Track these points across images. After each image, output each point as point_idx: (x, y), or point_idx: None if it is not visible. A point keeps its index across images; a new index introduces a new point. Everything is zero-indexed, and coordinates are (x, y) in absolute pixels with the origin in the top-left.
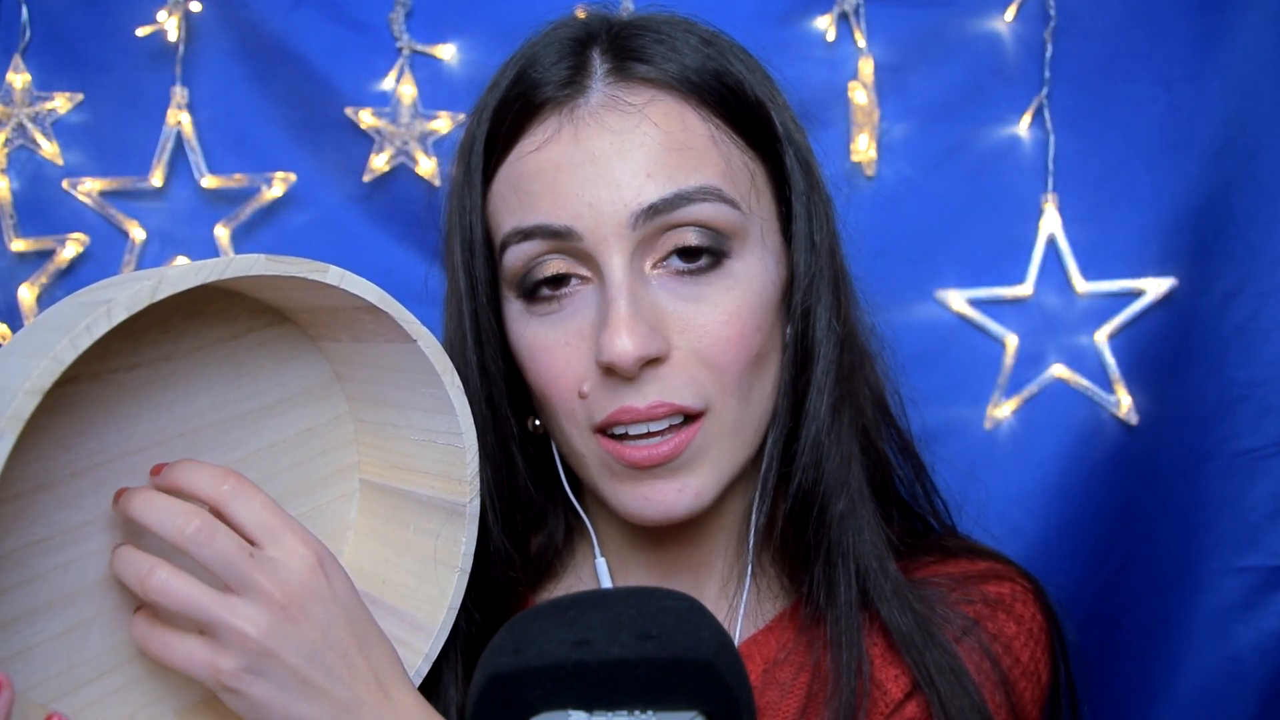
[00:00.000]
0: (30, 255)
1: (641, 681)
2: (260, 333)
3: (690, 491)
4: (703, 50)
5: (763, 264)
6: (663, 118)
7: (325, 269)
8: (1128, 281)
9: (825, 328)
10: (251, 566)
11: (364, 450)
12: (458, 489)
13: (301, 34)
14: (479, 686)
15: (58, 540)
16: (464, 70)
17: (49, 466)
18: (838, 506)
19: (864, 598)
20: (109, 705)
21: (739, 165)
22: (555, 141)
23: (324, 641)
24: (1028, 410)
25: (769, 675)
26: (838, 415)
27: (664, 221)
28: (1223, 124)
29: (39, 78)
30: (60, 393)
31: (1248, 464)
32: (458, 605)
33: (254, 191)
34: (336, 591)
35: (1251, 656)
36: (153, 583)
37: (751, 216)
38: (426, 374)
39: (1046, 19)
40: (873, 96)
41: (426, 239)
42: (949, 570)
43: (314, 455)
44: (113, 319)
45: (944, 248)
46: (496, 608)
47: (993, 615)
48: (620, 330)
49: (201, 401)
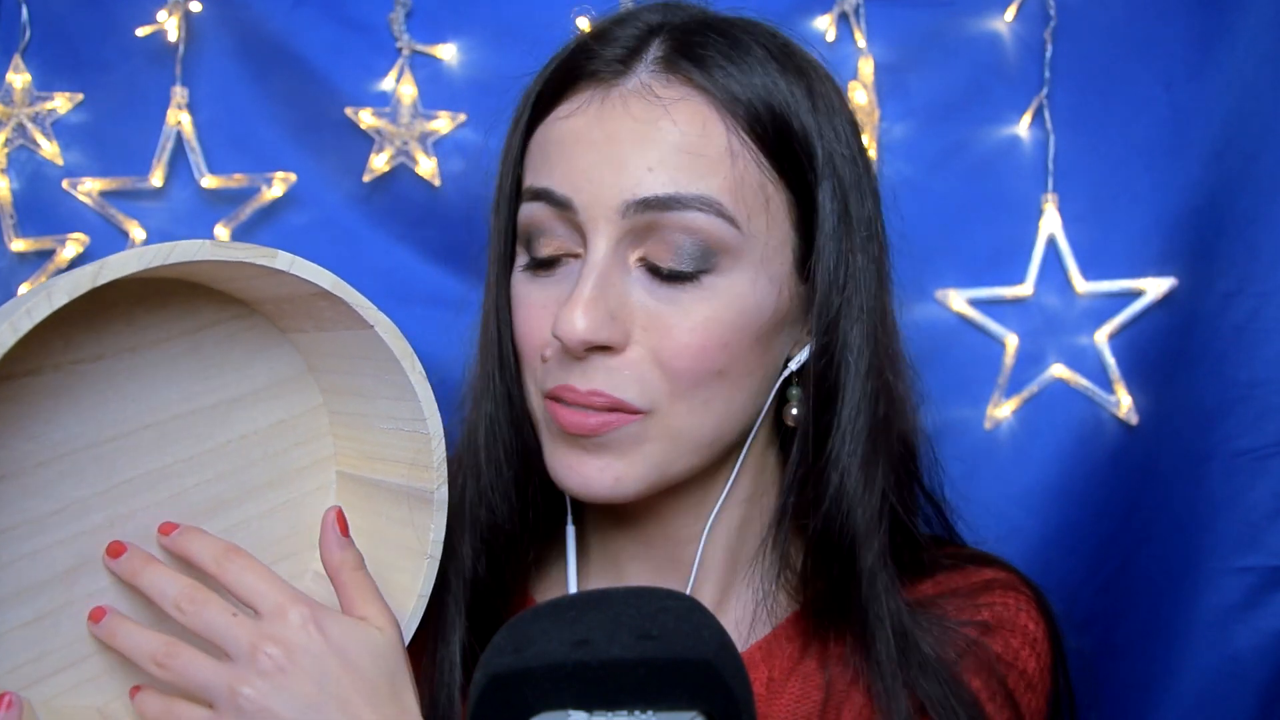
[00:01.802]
0: (30, 255)
1: (641, 681)
2: (227, 324)
3: (611, 474)
4: (765, 68)
5: (752, 287)
6: (685, 118)
7: (274, 254)
8: (1128, 281)
9: (854, 375)
10: (242, 630)
11: (340, 443)
12: (425, 475)
13: (301, 34)
14: (479, 686)
15: (24, 529)
16: (464, 70)
17: (13, 456)
18: (867, 561)
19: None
20: (81, 694)
21: (753, 185)
22: (582, 114)
23: (321, 695)
24: (1028, 410)
25: (774, 685)
26: (869, 469)
27: (655, 219)
28: (1223, 124)
29: (39, 78)
30: (24, 383)
31: (1248, 464)
32: (428, 593)
33: (254, 191)
34: (333, 645)
35: (1251, 656)
36: (174, 662)
37: (752, 239)
38: (387, 360)
39: (1046, 19)
40: (873, 96)
41: (427, 239)
42: (950, 584)
43: (288, 447)
44: (53, 303)
45: (944, 248)
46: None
47: (997, 630)
48: (577, 308)
49: (169, 393)
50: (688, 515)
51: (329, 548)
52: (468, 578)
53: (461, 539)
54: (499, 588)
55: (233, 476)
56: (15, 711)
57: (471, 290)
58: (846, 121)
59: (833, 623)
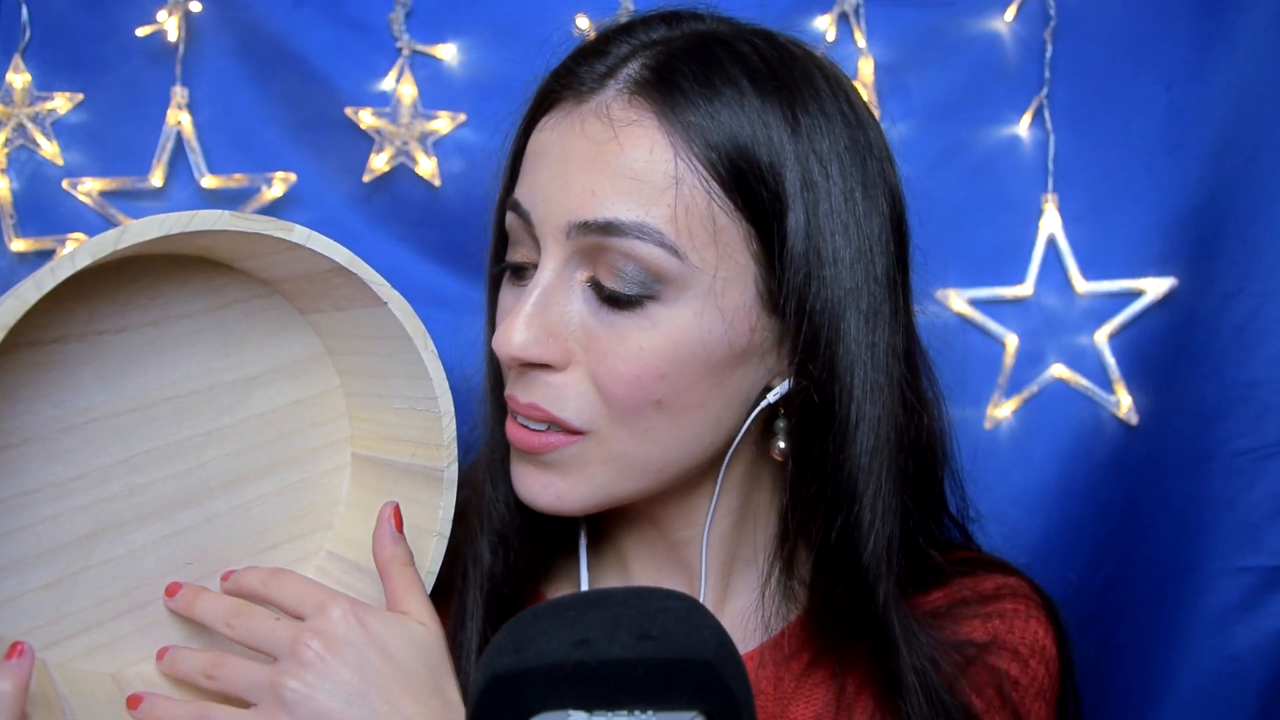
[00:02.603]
0: (30, 255)
1: (641, 681)
2: (248, 304)
3: (553, 492)
4: (741, 98)
5: (697, 320)
6: (633, 142)
7: (290, 228)
8: (1128, 281)
9: (846, 407)
10: (284, 630)
11: (355, 424)
12: (436, 454)
13: (301, 34)
14: (478, 686)
15: (46, 493)
16: (464, 70)
17: (37, 421)
18: (881, 590)
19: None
20: (96, 659)
21: (700, 215)
22: (552, 128)
23: (363, 684)
24: (1028, 410)
25: (783, 687)
26: (878, 500)
27: (598, 242)
28: (1223, 124)
29: (39, 78)
30: (49, 350)
31: (1248, 464)
32: (436, 570)
33: (254, 191)
34: (374, 637)
35: (1251, 656)
36: (220, 671)
37: (698, 270)
38: (401, 338)
39: (1046, 19)
40: (873, 96)
41: (427, 239)
42: (959, 593)
43: (304, 427)
44: (76, 263)
45: (944, 248)
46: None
47: (1005, 639)
48: (515, 323)
49: (189, 368)
50: (679, 520)
51: (382, 542)
52: (485, 569)
53: (480, 534)
54: (514, 583)
55: (249, 453)
56: (27, 660)
57: (472, 291)
58: (842, 137)
59: (842, 629)
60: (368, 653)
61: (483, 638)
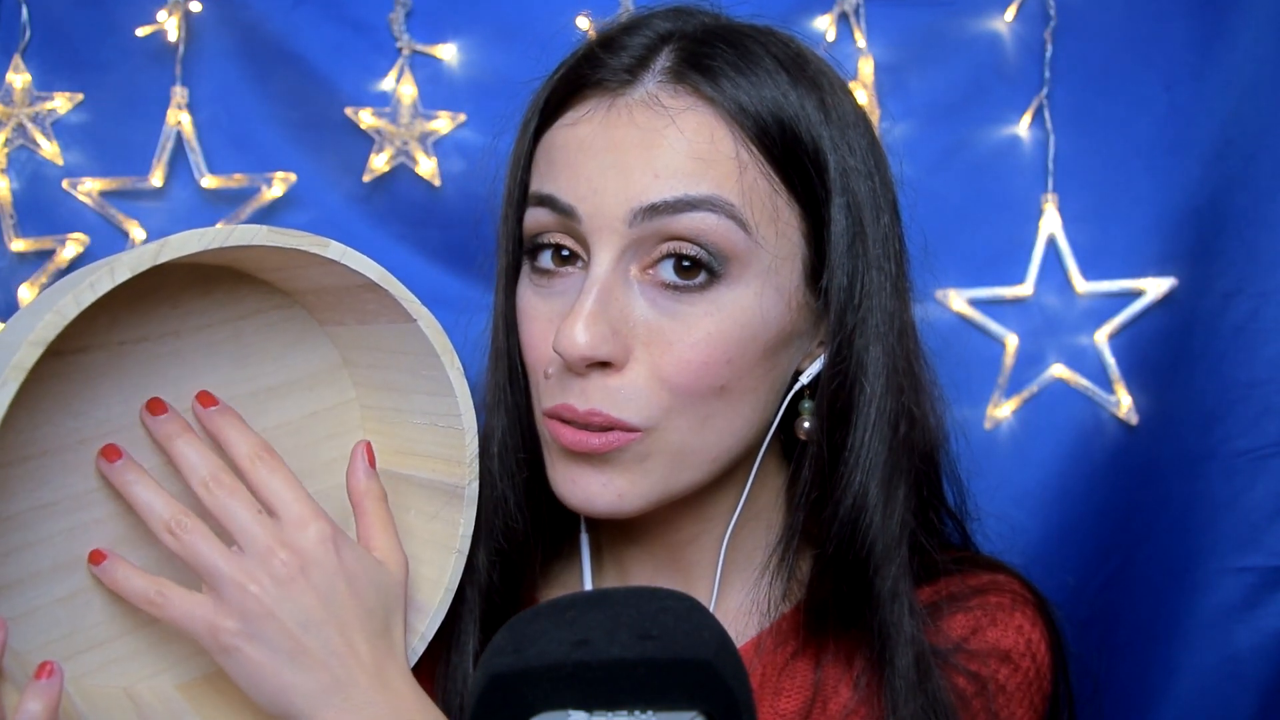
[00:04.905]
0: (30, 255)
1: (641, 681)
2: (268, 314)
3: (614, 490)
4: (775, 80)
5: (759, 300)
6: (692, 128)
7: (326, 243)
8: (1128, 281)
9: (870, 394)
10: (261, 529)
11: (370, 437)
12: (457, 471)
13: (301, 34)
14: (479, 686)
15: (64, 505)
16: (464, 70)
17: (57, 432)
18: (884, 584)
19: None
20: (110, 673)
21: (762, 195)
22: (587, 122)
23: (324, 613)
24: (1028, 410)
25: (766, 681)
26: (888, 491)
27: (663, 226)
28: (1223, 124)
29: (39, 78)
30: (69, 361)
31: (1248, 464)
32: (455, 586)
33: (254, 191)
34: (345, 568)
35: (1251, 656)
36: (186, 535)
37: (761, 248)
38: (427, 355)
39: (1046, 19)
40: (873, 96)
41: (427, 239)
42: (948, 589)
43: (319, 439)
44: (116, 277)
45: (944, 248)
46: (511, 567)
47: (989, 627)
48: (578, 323)
49: (207, 379)
50: (689, 521)
51: (355, 475)
52: (482, 586)
53: (478, 548)
54: (512, 596)
55: None
56: (57, 679)
57: (472, 291)
58: (862, 134)
59: (832, 628)
60: (336, 583)
61: (479, 658)
